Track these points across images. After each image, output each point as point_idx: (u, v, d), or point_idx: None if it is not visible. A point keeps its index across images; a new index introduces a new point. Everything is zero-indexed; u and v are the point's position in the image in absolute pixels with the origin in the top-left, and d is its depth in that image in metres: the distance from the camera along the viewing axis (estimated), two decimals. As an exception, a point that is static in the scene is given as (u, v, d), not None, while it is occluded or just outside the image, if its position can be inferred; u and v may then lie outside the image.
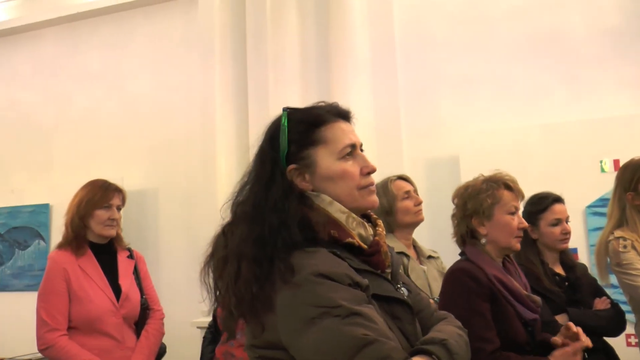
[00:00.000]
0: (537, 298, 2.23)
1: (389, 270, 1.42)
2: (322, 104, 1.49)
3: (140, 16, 5.50)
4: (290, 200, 1.33)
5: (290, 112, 1.44)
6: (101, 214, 2.77)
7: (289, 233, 1.28)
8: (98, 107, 5.59)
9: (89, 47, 5.72)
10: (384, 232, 1.46)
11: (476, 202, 2.25)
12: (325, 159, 1.39)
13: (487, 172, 2.35)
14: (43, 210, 5.63)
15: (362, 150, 1.46)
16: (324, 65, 4.32)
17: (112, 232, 2.83)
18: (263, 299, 1.25)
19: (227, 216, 1.42)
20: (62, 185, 5.49)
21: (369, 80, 4.28)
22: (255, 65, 4.46)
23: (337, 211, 1.36)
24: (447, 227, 2.45)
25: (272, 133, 1.43)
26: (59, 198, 5.48)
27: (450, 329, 1.40)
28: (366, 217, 1.46)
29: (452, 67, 4.35)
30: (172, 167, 5.11)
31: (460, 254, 2.35)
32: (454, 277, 2.20)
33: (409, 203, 2.78)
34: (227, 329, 2.81)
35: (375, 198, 1.43)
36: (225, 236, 1.38)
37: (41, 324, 2.65)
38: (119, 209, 2.84)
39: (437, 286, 2.65)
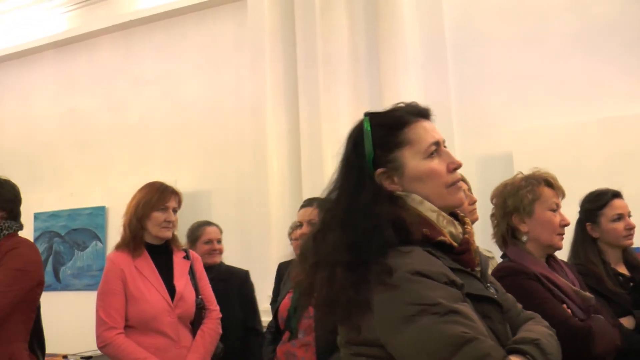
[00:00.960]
0: (589, 295, 2.14)
1: (478, 269, 1.41)
2: (402, 104, 1.47)
3: (190, 21, 5.57)
4: (382, 203, 1.32)
5: (372, 117, 1.43)
6: (158, 216, 2.77)
7: (383, 235, 1.27)
8: (152, 111, 5.67)
9: (142, 53, 5.82)
10: (473, 230, 1.44)
11: (516, 198, 2.17)
12: (412, 160, 1.38)
13: (541, 169, 2.26)
14: (100, 213, 5.73)
15: (445, 146, 1.44)
16: (374, 63, 4.26)
17: (168, 234, 2.83)
18: (360, 302, 1.25)
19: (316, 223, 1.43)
20: (117, 188, 5.59)
21: (419, 78, 4.21)
22: (306, 66, 4.45)
23: (428, 210, 1.35)
24: (501, 227, 2.38)
25: (355, 139, 1.42)
26: (115, 201, 5.58)
27: (540, 329, 1.40)
28: (453, 215, 1.44)
29: (504, 62, 4.24)
30: (224, 169, 5.14)
31: (502, 257, 2.27)
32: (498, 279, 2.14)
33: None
34: (290, 329, 2.83)
35: (462, 195, 1.42)
36: (315, 242, 1.38)
37: (100, 322, 2.68)
38: (175, 211, 2.84)
39: (493, 287, 2.57)
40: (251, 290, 3.75)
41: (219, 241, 3.67)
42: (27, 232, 5.82)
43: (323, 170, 4.18)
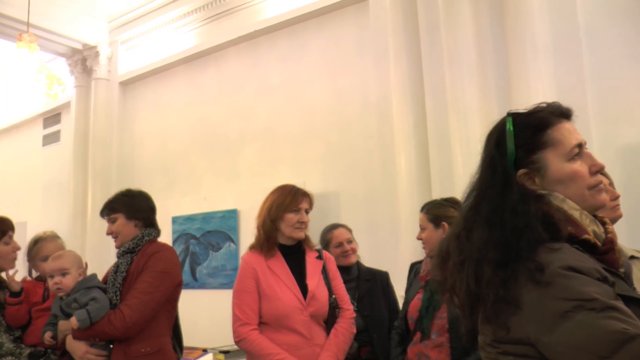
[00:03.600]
0: None
1: (622, 270, 1.35)
2: (544, 104, 1.43)
3: (312, 27, 5.56)
4: (529, 202, 1.30)
5: (515, 117, 1.41)
6: (291, 217, 2.79)
7: (533, 233, 1.25)
8: (278, 116, 5.72)
9: (267, 61, 5.89)
10: (615, 230, 1.39)
11: None
12: (554, 162, 1.35)
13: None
14: (232, 215, 5.86)
15: (586, 148, 1.41)
16: (502, 55, 4.01)
17: (301, 235, 2.84)
18: (509, 299, 1.22)
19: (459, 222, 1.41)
20: (248, 192, 5.73)
21: (550, 67, 3.88)
22: (431, 62, 4.29)
23: (572, 208, 1.33)
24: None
25: (497, 139, 1.41)
26: (246, 203, 5.74)
27: None
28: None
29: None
30: (351, 170, 5.08)
31: None
32: None
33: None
34: (421, 329, 2.77)
35: (605, 196, 1.39)
36: (459, 241, 1.36)
37: (235, 318, 2.75)
38: (307, 212, 2.86)
39: (643, 290, 2.35)
40: (393, 291, 3.70)
41: (349, 241, 3.63)
42: (166, 235, 6.15)
43: (452, 168, 4.01)
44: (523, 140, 1.37)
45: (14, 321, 2.71)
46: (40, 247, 2.84)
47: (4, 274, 2.86)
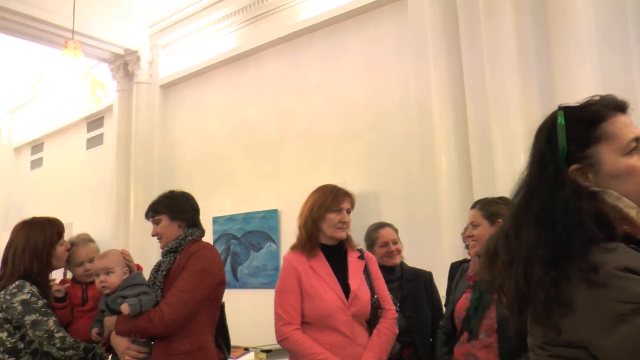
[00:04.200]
0: None
1: None
2: (597, 97, 1.36)
3: (351, 26, 5.54)
4: (582, 199, 1.23)
5: (567, 111, 1.33)
6: (332, 217, 2.77)
7: (586, 232, 1.18)
8: (318, 116, 5.72)
9: (306, 61, 5.90)
10: None
11: None
12: (609, 157, 1.28)
13: None
14: (273, 216, 5.87)
15: None
16: (544, 51, 3.91)
17: (343, 234, 2.83)
18: (560, 300, 1.16)
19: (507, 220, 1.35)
20: (288, 192, 5.75)
21: (596, 63, 3.77)
22: (471, 60, 4.23)
23: (627, 206, 1.25)
24: None
25: (548, 133, 1.34)
26: (286, 204, 5.76)
27: None
28: None
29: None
30: (391, 170, 5.04)
31: None
32: None
33: None
34: (469, 329, 2.73)
35: None
36: (507, 239, 1.31)
37: (278, 318, 2.75)
38: (348, 212, 2.84)
39: None
40: (437, 291, 3.65)
41: (395, 241, 3.59)
42: (207, 235, 6.16)
43: (494, 166, 3.93)
44: (575, 134, 1.30)
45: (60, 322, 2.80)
46: (74, 253, 2.90)
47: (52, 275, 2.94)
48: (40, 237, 2.79)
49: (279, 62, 6.18)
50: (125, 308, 2.55)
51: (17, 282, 2.68)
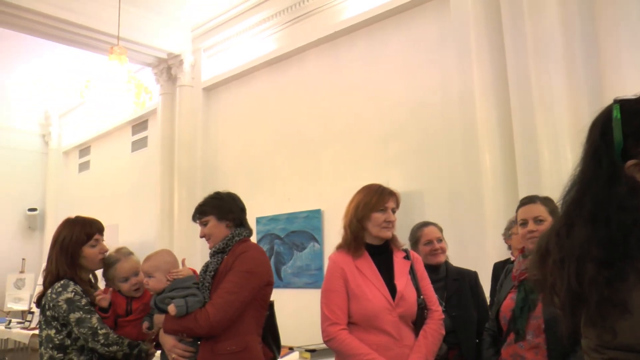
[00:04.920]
0: None
1: None
2: None
3: (391, 25, 5.52)
4: (639, 196, 1.19)
5: (623, 104, 1.28)
6: (378, 216, 2.74)
7: None
8: (359, 116, 5.71)
9: (347, 61, 5.90)
10: None
11: None
12: None
13: None
14: (316, 216, 5.90)
15: None
16: (591, 45, 3.84)
17: (388, 234, 2.79)
18: (615, 301, 1.13)
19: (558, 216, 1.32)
20: (331, 192, 5.75)
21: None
22: (514, 55, 4.16)
23: None
24: None
25: (603, 128, 1.29)
26: (329, 203, 5.77)
27: None
28: None
29: None
30: (435, 168, 5.01)
31: None
32: None
33: None
34: (515, 330, 2.68)
35: None
36: (559, 237, 1.27)
37: (324, 318, 2.74)
38: (393, 211, 2.83)
39: None
40: (482, 291, 3.59)
41: (439, 240, 3.56)
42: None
43: (539, 164, 3.86)
44: (632, 128, 1.24)
45: None
46: (117, 269, 2.90)
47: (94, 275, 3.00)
48: (68, 233, 2.85)
49: (320, 63, 6.20)
50: (172, 309, 2.59)
51: (62, 281, 2.76)
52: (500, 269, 3.22)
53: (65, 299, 2.72)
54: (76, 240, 2.84)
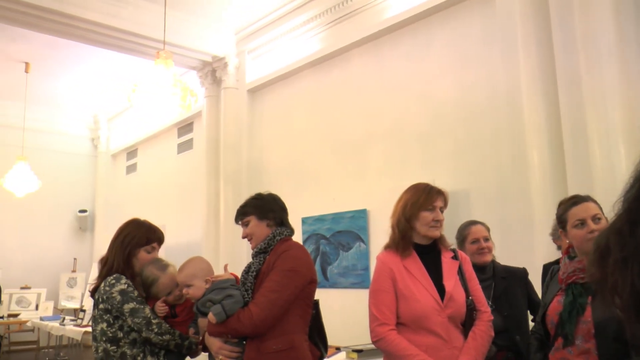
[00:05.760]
0: None
1: None
2: None
3: (435, 22, 5.49)
4: None
5: None
6: (426, 215, 2.72)
7: None
8: (404, 115, 5.69)
9: (391, 59, 5.88)
10: None
11: None
12: None
13: None
14: (361, 215, 5.90)
15: None
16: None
17: (436, 233, 2.77)
18: None
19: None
20: (376, 192, 5.74)
21: None
22: (563, 51, 4.08)
23: None
24: None
25: None
26: (375, 203, 5.76)
27: None
28: None
29: None
30: (481, 166, 4.96)
31: None
32: None
33: None
34: (563, 335, 2.61)
35: None
36: (621, 236, 1.22)
37: (372, 318, 2.73)
38: (441, 210, 2.81)
39: None
40: (533, 289, 3.53)
41: (486, 239, 3.51)
42: (296, 235, 6.25)
43: (590, 162, 3.77)
44: None
45: None
46: (159, 287, 2.94)
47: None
48: (132, 231, 2.96)
49: (364, 62, 6.20)
50: (211, 318, 2.62)
51: (114, 275, 2.84)
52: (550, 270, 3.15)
53: (118, 290, 2.80)
54: (137, 241, 2.95)
